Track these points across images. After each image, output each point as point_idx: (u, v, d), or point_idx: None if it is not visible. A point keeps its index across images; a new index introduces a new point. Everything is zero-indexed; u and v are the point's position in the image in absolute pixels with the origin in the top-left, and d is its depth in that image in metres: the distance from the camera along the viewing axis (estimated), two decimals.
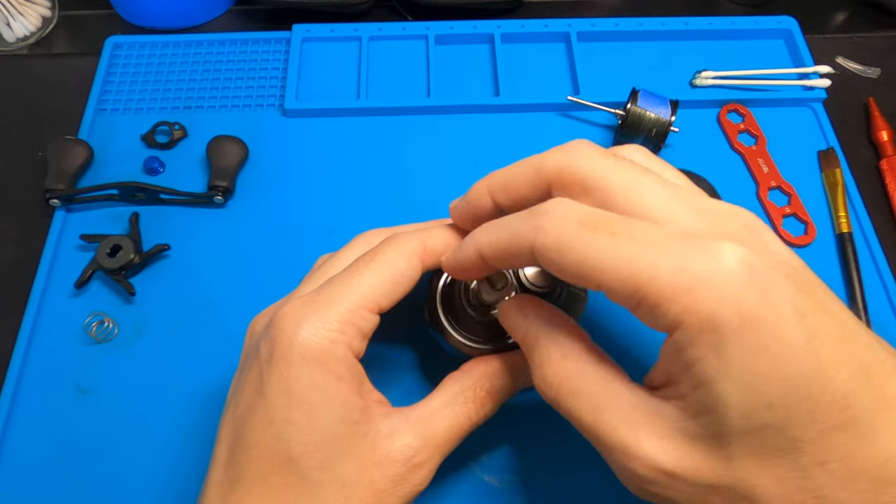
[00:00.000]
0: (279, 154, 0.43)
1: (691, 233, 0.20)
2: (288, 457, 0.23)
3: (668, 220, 0.20)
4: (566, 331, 0.24)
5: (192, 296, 0.38)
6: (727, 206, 0.21)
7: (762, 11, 0.52)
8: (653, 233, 0.20)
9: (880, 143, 0.44)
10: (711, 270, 0.18)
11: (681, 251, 0.19)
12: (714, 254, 0.18)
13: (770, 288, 0.18)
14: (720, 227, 0.20)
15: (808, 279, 0.20)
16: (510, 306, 0.26)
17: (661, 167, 0.24)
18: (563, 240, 0.20)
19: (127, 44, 0.48)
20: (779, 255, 0.20)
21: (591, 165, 0.22)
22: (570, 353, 0.23)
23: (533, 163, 0.23)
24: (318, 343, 0.23)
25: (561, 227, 0.21)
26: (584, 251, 0.20)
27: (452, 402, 0.26)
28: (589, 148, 0.22)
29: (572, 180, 0.22)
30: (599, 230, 0.20)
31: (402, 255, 0.26)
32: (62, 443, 0.33)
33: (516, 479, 0.32)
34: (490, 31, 0.48)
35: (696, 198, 0.21)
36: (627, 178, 0.21)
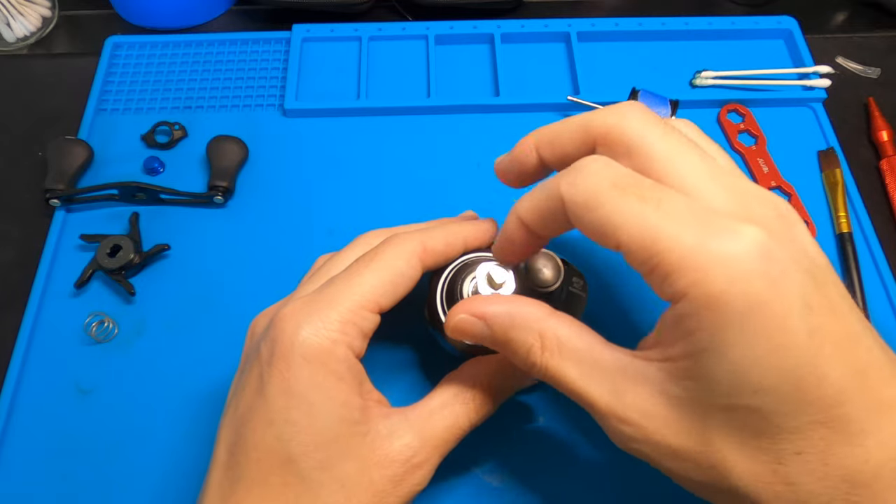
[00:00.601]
0: (279, 154, 0.43)
1: (719, 211, 0.20)
2: (288, 457, 0.23)
3: (699, 194, 0.20)
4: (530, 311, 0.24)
5: (192, 296, 0.38)
6: (762, 192, 0.21)
7: (762, 11, 0.52)
8: (681, 204, 0.20)
9: (880, 143, 0.44)
10: (728, 251, 0.18)
11: (703, 227, 0.19)
12: (734, 235, 0.19)
13: (783, 278, 0.18)
14: (750, 210, 0.20)
15: (825, 277, 0.20)
16: (457, 318, 0.25)
17: (708, 144, 0.24)
18: (594, 196, 0.21)
19: (127, 44, 0.48)
20: (803, 248, 0.20)
21: (640, 129, 0.22)
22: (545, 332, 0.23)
23: (581, 120, 0.24)
24: (319, 343, 0.23)
25: (593, 184, 0.21)
26: (610, 210, 0.20)
27: (451, 402, 0.26)
28: (639, 111, 0.22)
29: (619, 140, 0.22)
30: (629, 192, 0.20)
31: (401, 255, 0.26)
32: (62, 443, 0.33)
33: (516, 479, 0.32)
34: (490, 31, 0.48)
35: (733, 178, 0.21)
36: (671, 148, 0.21)
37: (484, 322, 0.24)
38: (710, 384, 0.19)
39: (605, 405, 0.22)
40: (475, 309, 0.25)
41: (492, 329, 0.24)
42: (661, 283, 0.20)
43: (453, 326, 0.25)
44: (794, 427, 0.18)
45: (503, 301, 0.25)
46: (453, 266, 0.29)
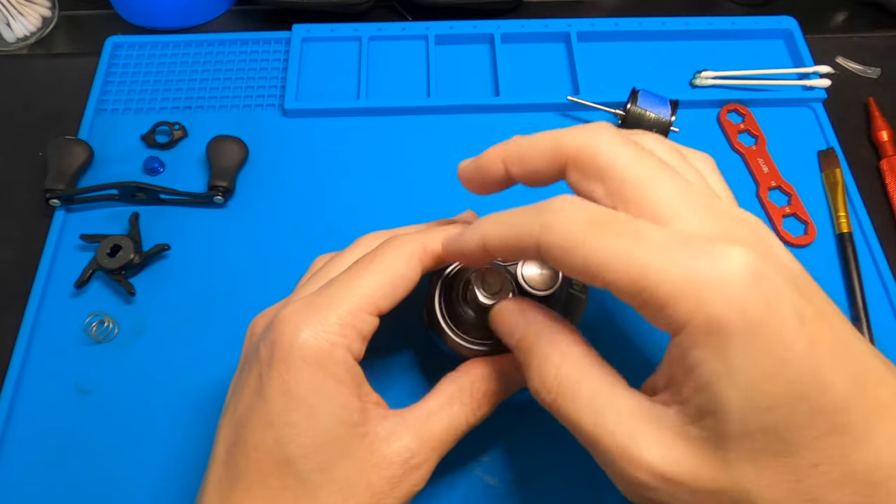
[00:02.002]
0: (279, 154, 0.43)
1: (698, 235, 0.20)
2: (287, 459, 0.23)
3: (675, 220, 0.20)
4: (564, 334, 0.24)
5: (192, 296, 0.38)
6: (735, 211, 0.21)
7: (762, 11, 0.52)
8: (658, 234, 0.20)
9: (880, 143, 0.44)
10: (719, 274, 0.18)
11: (689, 253, 0.19)
12: (721, 258, 0.19)
13: (775, 294, 0.18)
14: (727, 230, 0.20)
15: (809, 286, 0.20)
16: (505, 310, 0.26)
17: (681, 159, 0.24)
18: (570, 239, 0.20)
19: (127, 44, 0.48)
20: (782, 262, 0.20)
21: (612, 153, 0.22)
22: (568, 356, 0.23)
23: (552, 138, 0.23)
24: (319, 346, 0.23)
25: (568, 227, 0.21)
26: (590, 251, 0.20)
27: (449, 404, 0.26)
28: (611, 133, 0.22)
29: (590, 163, 0.22)
30: (606, 229, 0.20)
31: (401, 257, 0.26)
32: (62, 443, 0.33)
33: (516, 479, 0.32)
34: (490, 31, 0.48)
35: (706, 199, 0.21)
36: (644, 172, 0.21)
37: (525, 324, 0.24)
38: (725, 414, 0.19)
39: (619, 449, 0.21)
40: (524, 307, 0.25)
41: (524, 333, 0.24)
42: (657, 316, 0.20)
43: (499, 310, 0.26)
44: (806, 441, 0.18)
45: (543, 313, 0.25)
46: (452, 268, 0.29)
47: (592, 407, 0.22)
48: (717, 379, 0.19)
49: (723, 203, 0.22)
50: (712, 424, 0.19)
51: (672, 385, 0.21)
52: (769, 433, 0.19)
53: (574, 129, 0.23)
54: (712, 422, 0.19)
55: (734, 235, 0.20)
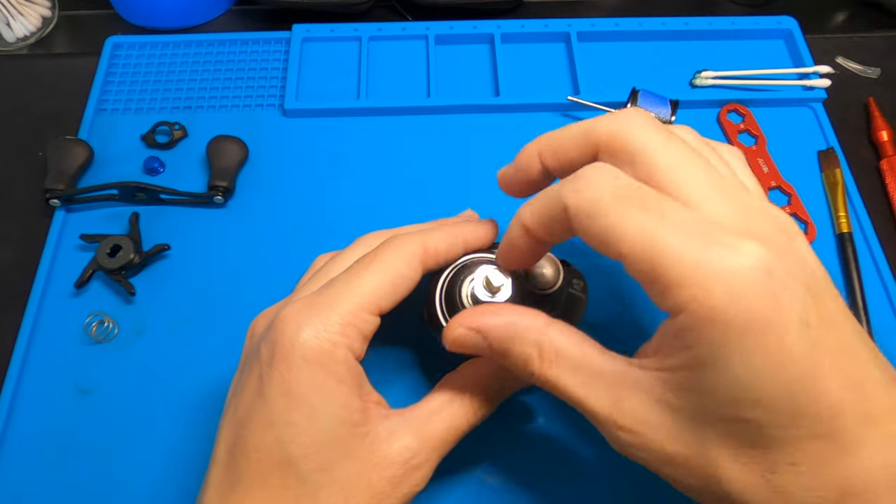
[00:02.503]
0: (279, 154, 0.43)
1: (721, 225, 0.20)
2: (287, 459, 0.23)
3: (701, 206, 0.20)
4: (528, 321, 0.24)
5: (192, 296, 0.38)
6: (763, 205, 0.21)
7: (762, 11, 0.52)
8: (684, 216, 0.20)
9: (880, 143, 0.44)
10: (729, 266, 0.18)
11: (705, 241, 0.19)
12: (735, 251, 0.19)
13: (782, 294, 0.18)
14: (751, 224, 0.20)
15: (823, 290, 0.20)
16: (455, 332, 0.25)
17: (710, 151, 0.24)
18: (596, 205, 0.21)
19: (127, 44, 0.48)
20: (803, 262, 0.20)
21: (643, 137, 0.22)
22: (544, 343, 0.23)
23: (584, 126, 0.23)
24: (320, 345, 0.23)
25: (595, 193, 0.21)
26: (612, 219, 0.20)
27: (450, 404, 0.26)
28: (643, 119, 0.22)
29: (621, 148, 0.22)
30: (632, 202, 0.20)
31: (402, 256, 0.26)
32: (62, 443, 0.33)
33: (516, 479, 0.32)
34: (490, 31, 0.48)
35: (735, 191, 0.21)
36: (674, 157, 0.21)
37: (482, 335, 0.24)
38: (707, 396, 0.19)
39: (603, 413, 0.22)
40: (472, 322, 0.24)
41: (490, 342, 0.24)
42: (662, 295, 0.20)
43: (452, 340, 0.25)
44: (790, 439, 0.19)
45: (500, 312, 0.24)
46: (453, 267, 0.29)
47: (577, 380, 0.22)
48: (708, 365, 0.19)
49: (750, 196, 0.22)
50: (691, 398, 0.20)
51: (659, 353, 0.21)
52: (750, 424, 0.19)
53: (606, 115, 0.23)
54: (693, 397, 0.20)
55: (756, 230, 0.20)
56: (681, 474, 0.21)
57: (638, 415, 0.21)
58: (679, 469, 0.21)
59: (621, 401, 0.21)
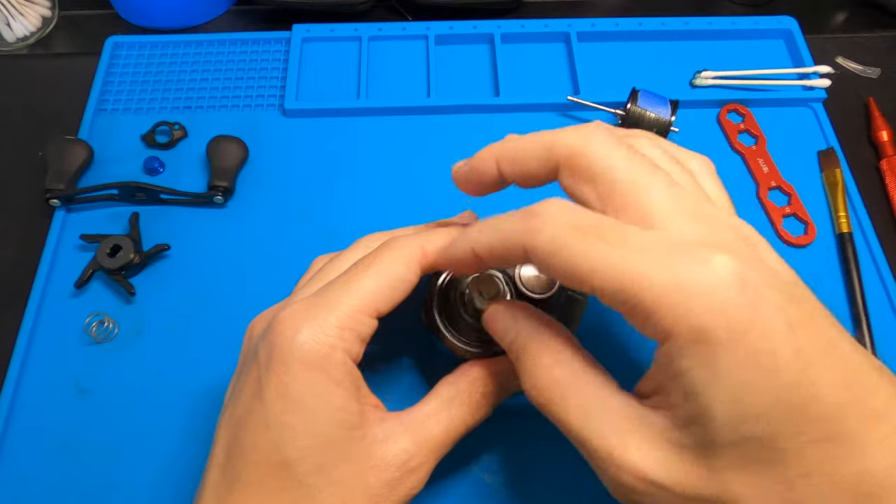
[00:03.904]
0: (279, 154, 0.43)
1: (685, 241, 0.19)
2: (284, 461, 0.23)
3: (664, 224, 0.20)
4: (556, 336, 0.24)
5: (192, 296, 0.38)
6: (723, 216, 0.21)
7: (762, 11, 0.52)
8: (646, 240, 0.19)
9: (880, 143, 0.44)
10: (703, 282, 0.18)
11: (674, 261, 0.19)
12: (707, 265, 0.18)
13: (761, 301, 0.18)
14: (715, 236, 0.20)
15: (799, 293, 0.20)
16: (498, 312, 0.26)
17: (673, 163, 0.23)
18: (556, 243, 0.20)
19: (127, 44, 0.48)
20: (772, 269, 0.20)
21: (603, 154, 0.22)
22: (560, 358, 0.23)
23: (544, 139, 0.23)
24: (317, 348, 0.23)
25: (554, 231, 0.20)
26: (576, 255, 0.20)
27: (447, 406, 0.26)
28: (603, 134, 0.22)
29: (581, 165, 0.22)
30: (591, 235, 0.20)
31: (400, 259, 0.26)
32: (62, 443, 0.33)
33: (516, 479, 0.32)
34: (490, 31, 0.48)
35: (696, 203, 0.21)
36: (634, 175, 0.21)
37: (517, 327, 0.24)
38: (713, 422, 0.19)
39: (606, 451, 0.21)
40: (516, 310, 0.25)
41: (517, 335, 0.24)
42: (644, 325, 0.19)
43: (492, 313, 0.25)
44: (796, 450, 0.18)
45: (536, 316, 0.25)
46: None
47: (581, 409, 0.22)
48: (704, 388, 0.19)
49: (712, 208, 0.21)
50: (699, 432, 0.19)
51: (660, 391, 0.20)
52: (757, 442, 0.18)
53: (567, 129, 0.23)
54: (699, 429, 0.19)
55: (721, 241, 0.20)
56: None
57: (646, 454, 0.20)
58: None
59: (627, 439, 0.20)
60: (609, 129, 0.23)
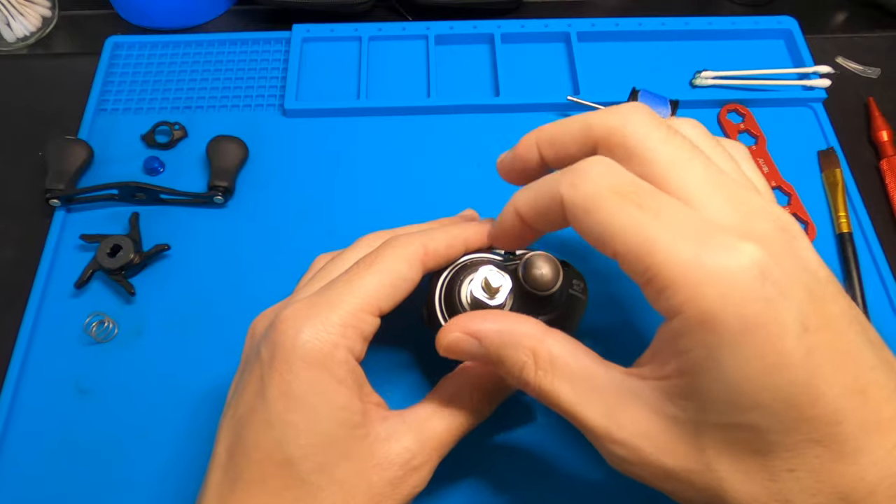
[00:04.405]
0: (279, 154, 0.43)
1: (719, 225, 0.19)
2: (287, 459, 0.23)
3: (700, 205, 0.20)
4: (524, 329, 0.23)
5: (192, 296, 0.38)
6: (765, 205, 0.21)
7: (762, 11, 0.52)
8: (680, 215, 0.19)
9: (880, 143, 0.44)
10: (724, 268, 0.18)
11: (701, 241, 0.19)
12: (731, 252, 0.18)
13: (779, 297, 0.18)
14: (750, 224, 0.20)
15: (825, 293, 0.19)
16: (449, 338, 0.24)
17: (713, 146, 0.23)
18: (592, 200, 0.20)
19: (127, 44, 0.48)
20: (803, 264, 0.19)
21: (641, 133, 0.21)
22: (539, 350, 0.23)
23: (583, 120, 0.23)
24: (320, 346, 0.23)
25: (592, 188, 0.20)
26: (608, 216, 0.20)
27: (449, 405, 0.26)
28: (642, 114, 0.22)
29: (619, 144, 0.22)
30: (629, 200, 0.20)
31: (402, 257, 0.26)
32: (62, 443, 0.33)
33: (516, 478, 0.32)
34: (490, 31, 0.48)
35: (736, 189, 0.21)
36: (673, 154, 0.21)
37: (477, 341, 0.24)
38: (705, 403, 0.19)
39: (598, 426, 0.21)
40: (468, 327, 0.24)
41: (485, 347, 0.24)
42: (657, 297, 0.19)
43: (446, 345, 0.25)
44: (788, 445, 0.18)
45: (497, 318, 0.24)
46: (453, 267, 0.29)
47: (571, 390, 0.22)
48: (703, 370, 0.19)
49: (753, 196, 0.21)
50: (690, 407, 0.19)
51: (656, 360, 0.21)
52: (748, 430, 0.18)
53: (606, 110, 0.23)
54: (690, 405, 0.19)
55: (756, 230, 0.20)
56: (681, 488, 0.20)
57: (635, 428, 0.20)
58: (679, 484, 0.20)
59: (618, 413, 0.21)
60: (648, 109, 0.22)
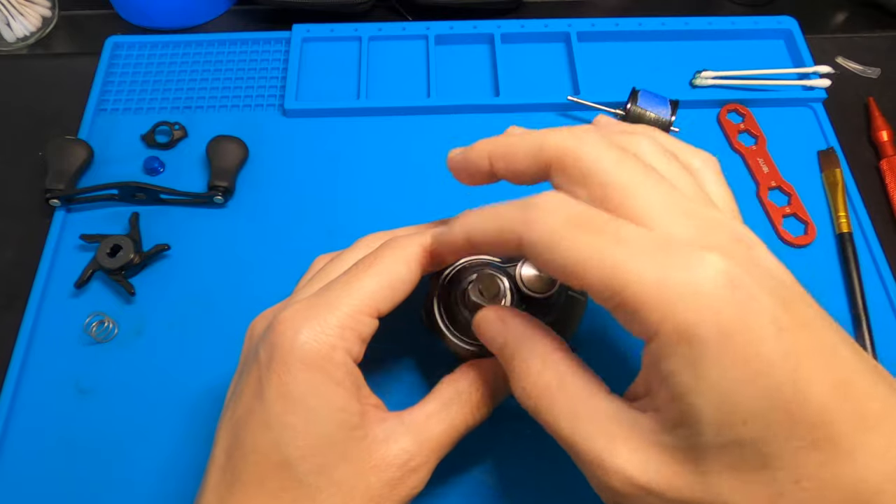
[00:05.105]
0: (279, 154, 0.43)
1: (678, 240, 0.19)
2: (285, 461, 0.23)
3: (656, 223, 0.20)
4: (544, 341, 0.23)
5: (192, 296, 0.38)
6: (718, 217, 0.21)
7: (762, 11, 0.52)
8: (639, 237, 0.19)
9: (880, 143, 0.44)
10: (691, 281, 0.18)
11: (664, 259, 0.18)
12: (696, 265, 0.18)
13: (750, 302, 0.18)
14: (708, 237, 0.20)
15: (793, 294, 0.19)
16: (487, 317, 0.25)
17: (667, 161, 0.23)
18: (551, 236, 0.20)
19: (127, 44, 0.48)
20: (766, 270, 0.20)
21: (594, 156, 0.21)
22: (549, 362, 0.23)
23: (536, 139, 0.23)
24: (318, 348, 0.23)
25: (550, 224, 0.20)
26: (569, 249, 0.20)
27: (448, 406, 0.26)
28: (594, 137, 0.22)
29: (572, 166, 0.22)
30: (587, 229, 0.20)
31: (401, 259, 0.26)
32: (62, 443, 0.33)
33: (515, 479, 0.32)
34: (490, 31, 0.48)
35: (688, 204, 0.21)
36: (627, 177, 0.21)
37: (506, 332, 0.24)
38: (700, 425, 0.18)
39: (594, 454, 0.21)
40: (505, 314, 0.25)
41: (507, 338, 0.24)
42: (631, 321, 0.19)
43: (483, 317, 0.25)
44: (787, 454, 0.18)
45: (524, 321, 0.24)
46: (451, 269, 0.29)
47: (570, 413, 0.22)
48: (690, 390, 0.18)
49: (707, 209, 0.21)
50: (686, 434, 0.19)
51: (648, 392, 0.20)
52: (746, 446, 0.18)
53: (560, 130, 0.23)
54: (686, 432, 0.19)
55: (714, 241, 0.20)
56: None
57: (634, 458, 0.20)
58: None
59: (615, 443, 0.20)
60: (603, 131, 0.22)
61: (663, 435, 0.20)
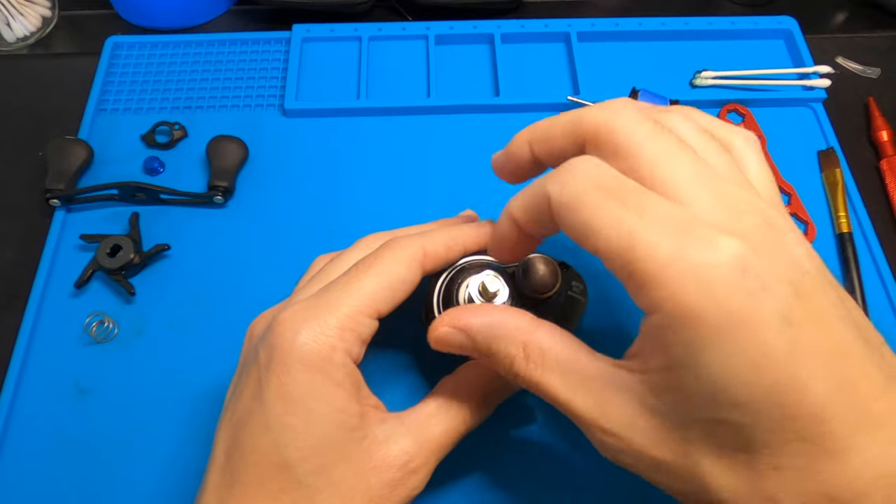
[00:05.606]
0: (279, 154, 0.43)
1: (703, 220, 0.19)
2: (285, 462, 0.23)
3: (685, 200, 0.20)
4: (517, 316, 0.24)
5: (192, 296, 0.38)
6: (752, 199, 0.20)
7: (762, 11, 0.52)
8: (663, 212, 0.19)
9: (880, 143, 0.44)
10: (703, 263, 0.18)
11: (681, 237, 0.18)
12: (711, 247, 0.18)
13: (760, 292, 0.18)
14: (736, 219, 0.19)
15: (813, 287, 0.19)
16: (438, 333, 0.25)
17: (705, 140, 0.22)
18: (577, 198, 0.20)
19: (127, 44, 0.48)
20: (791, 258, 0.19)
21: (628, 129, 0.21)
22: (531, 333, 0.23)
23: (572, 117, 0.23)
24: (318, 349, 0.23)
25: (578, 186, 0.20)
26: (591, 213, 0.20)
27: (447, 407, 0.26)
28: (630, 109, 0.22)
29: (606, 140, 0.22)
30: (612, 196, 0.20)
31: (401, 260, 0.26)
32: (62, 443, 0.33)
33: (515, 479, 0.32)
34: (490, 31, 0.48)
35: (722, 184, 0.20)
36: (659, 150, 0.21)
37: (466, 334, 0.24)
38: (687, 398, 0.19)
39: (589, 416, 0.21)
40: (457, 321, 0.24)
41: (474, 341, 0.24)
42: (638, 293, 0.19)
43: (435, 339, 0.25)
44: (773, 442, 0.18)
45: (486, 312, 0.24)
46: (452, 269, 0.29)
47: (562, 377, 0.22)
48: (685, 366, 0.18)
49: (740, 190, 0.20)
50: (672, 401, 0.19)
51: (642, 354, 0.21)
52: (732, 427, 0.18)
53: (595, 106, 0.23)
54: (672, 399, 0.19)
55: (740, 226, 0.19)
56: (669, 479, 0.21)
57: (623, 419, 0.21)
58: (665, 475, 0.20)
59: (607, 404, 0.21)
60: (638, 105, 0.22)
61: (649, 397, 0.20)
